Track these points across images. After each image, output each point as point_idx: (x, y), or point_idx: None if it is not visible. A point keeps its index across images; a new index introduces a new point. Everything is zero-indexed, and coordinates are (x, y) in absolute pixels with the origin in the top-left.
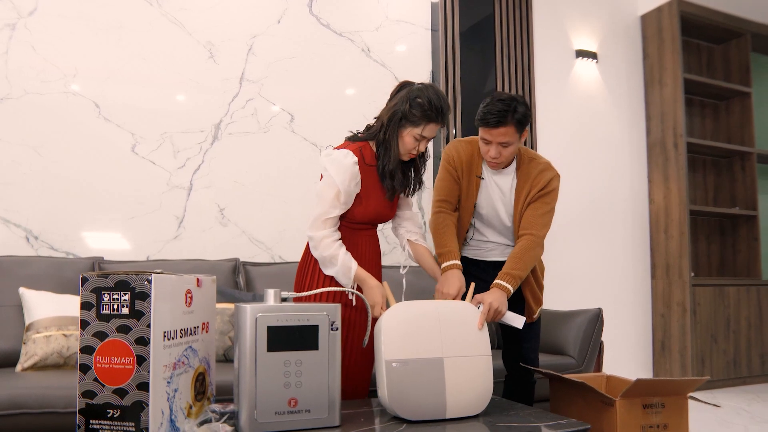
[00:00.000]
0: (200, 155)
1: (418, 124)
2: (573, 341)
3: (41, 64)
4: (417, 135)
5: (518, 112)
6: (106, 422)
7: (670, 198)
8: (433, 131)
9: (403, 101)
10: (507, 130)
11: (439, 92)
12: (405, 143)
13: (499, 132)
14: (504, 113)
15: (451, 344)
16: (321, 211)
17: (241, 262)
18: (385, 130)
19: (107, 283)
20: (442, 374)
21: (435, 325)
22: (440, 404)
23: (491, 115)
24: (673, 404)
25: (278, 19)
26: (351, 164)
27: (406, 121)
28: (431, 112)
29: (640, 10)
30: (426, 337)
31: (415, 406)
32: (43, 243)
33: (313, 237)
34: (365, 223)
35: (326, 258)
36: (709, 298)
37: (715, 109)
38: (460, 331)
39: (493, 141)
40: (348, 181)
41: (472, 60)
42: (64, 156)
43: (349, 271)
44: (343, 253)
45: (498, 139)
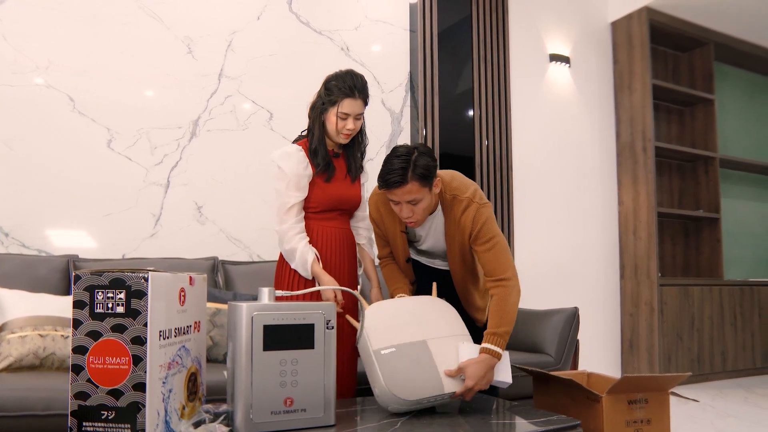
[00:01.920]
0: (178, 152)
1: (335, 103)
2: (550, 340)
3: (12, 55)
4: (338, 113)
5: (418, 167)
6: (100, 424)
7: (639, 200)
8: (353, 106)
9: (321, 89)
10: (410, 187)
11: (351, 72)
12: (331, 124)
13: (403, 191)
14: (402, 171)
15: (430, 329)
16: (280, 203)
17: (219, 260)
18: (312, 119)
19: (101, 281)
20: (429, 354)
21: (411, 316)
22: (436, 379)
23: (390, 175)
24: (656, 400)
25: (258, 15)
26: (295, 151)
27: (327, 103)
28: (344, 88)
29: (611, 17)
30: (406, 326)
31: (412, 385)
32: (13, 240)
33: (278, 231)
34: (330, 209)
35: (288, 252)
36: (675, 297)
37: (680, 115)
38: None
39: (400, 201)
40: (295, 166)
41: (449, 62)
42: (37, 150)
43: (305, 263)
44: (303, 246)
45: (404, 198)
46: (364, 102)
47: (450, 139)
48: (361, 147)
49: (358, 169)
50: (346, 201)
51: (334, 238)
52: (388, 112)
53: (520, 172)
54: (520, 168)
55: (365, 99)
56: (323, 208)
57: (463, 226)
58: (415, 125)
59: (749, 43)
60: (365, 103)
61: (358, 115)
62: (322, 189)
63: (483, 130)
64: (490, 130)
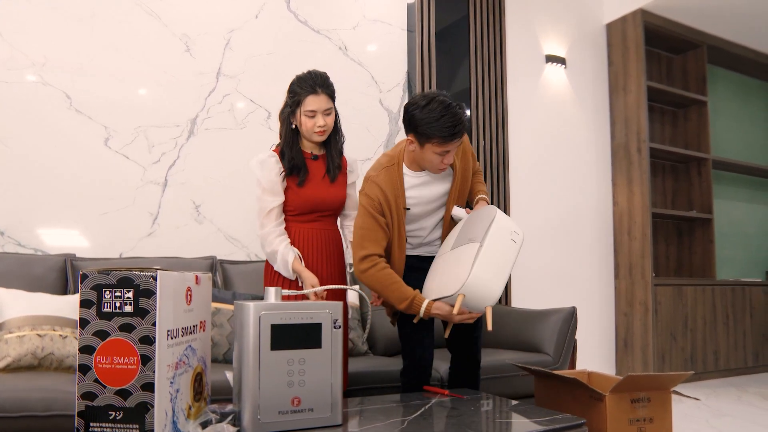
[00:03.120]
0: (175, 150)
1: (299, 103)
2: (549, 339)
3: (8, 52)
4: (304, 111)
5: (463, 112)
6: (108, 425)
7: (633, 201)
8: (317, 102)
9: (287, 94)
10: (464, 137)
11: (312, 71)
12: (302, 124)
13: (458, 142)
14: (460, 123)
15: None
16: (259, 207)
17: (218, 260)
18: (281, 124)
19: (109, 280)
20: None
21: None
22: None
23: (459, 126)
24: (658, 398)
25: (256, 14)
26: (267, 157)
27: (293, 105)
28: (305, 86)
29: (606, 19)
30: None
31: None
32: (9, 239)
33: (260, 235)
34: (308, 212)
35: (270, 254)
36: (669, 297)
37: (674, 116)
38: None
39: (451, 150)
40: (268, 173)
41: (447, 62)
42: (33, 148)
43: (286, 264)
44: (283, 247)
45: (455, 147)
46: (330, 96)
47: None
48: (338, 145)
49: (337, 168)
50: (323, 203)
51: (315, 238)
52: (386, 112)
53: (517, 172)
54: (517, 168)
55: (329, 93)
56: (300, 211)
57: (466, 152)
58: None
59: (742, 46)
60: (331, 98)
61: (327, 110)
62: (296, 192)
63: (480, 130)
64: (486, 129)
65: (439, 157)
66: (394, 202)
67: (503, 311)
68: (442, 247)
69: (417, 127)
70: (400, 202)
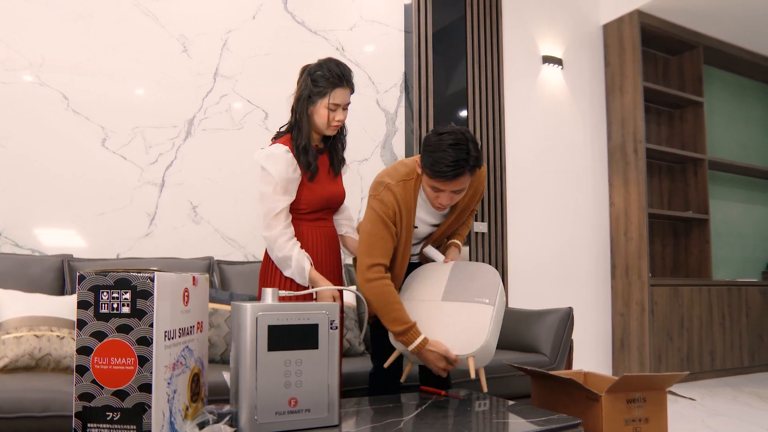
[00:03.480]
0: (173, 151)
1: (325, 94)
2: (545, 339)
3: (5, 52)
4: (328, 104)
5: (471, 157)
6: (105, 425)
7: (630, 201)
8: (342, 96)
9: (305, 81)
10: (463, 179)
11: (337, 61)
12: (321, 117)
13: (455, 183)
14: (461, 163)
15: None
16: (267, 208)
17: (215, 260)
18: (297, 113)
19: (106, 281)
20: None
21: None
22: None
23: (447, 168)
24: (654, 398)
25: (253, 14)
26: (283, 152)
27: (315, 95)
28: (333, 78)
29: (603, 20)
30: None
31: None
32: (6, 239)
33: (267, 237)
34: (318, 209)
35: (281, 259)
36: (666, 297)
37: (670, 117)
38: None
39: (446, 190)
40: (285, 169)
41: (444, 63)
42: (30, 149)
43: (303, 271)
44: (297, 253)
45: (453, 188)
46: (352, 90)
47: None
48: (343, 139)
49: (341, 162)
50: (334, 199)
51: (323, 238)
52: (383, 113)
53: (513, 173)
54: (513, 168)
55: (353, 87)
56: (312, 209)
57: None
58: (410, 126)
59: (738, 47)
60: (352, 92)
61: (347, 105)
62: (311, 189)
63: (476, 131)
64: (483, 130)
65: (432, 192)
66: (407, 217)
67: None
68: (422, 291)
69: (423, 150)
70: (411, 219)
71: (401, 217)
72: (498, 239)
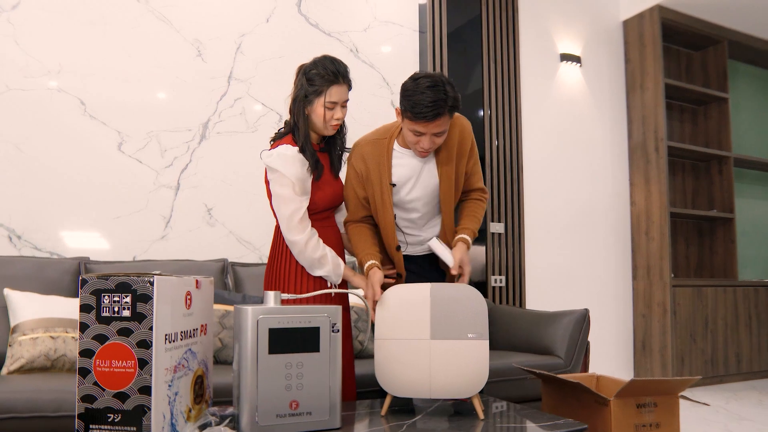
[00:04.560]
0: (188, 154)
1: (321, 93)
2: (560, 342)
3: (24, 59)
4: (325, 103)
5: (449, 98)
6: (107, 427)
7: (651, 200)
8: (340, 93)
9: (301, 81)
10: (443, 120)
11: (332, 58)
12: (318, 116)
13: (435, 124)
14: (440, 103)
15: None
16: (290, 210)
17: (229, 262)
18: (294, 114)
19: (108, 285)
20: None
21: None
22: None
23: (426, 108)
24: (665, 403)
25: (267, 18)
26: (294, 153)
27: (311, 95)
28: (329, 75)
29: (623, 16)
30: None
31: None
32: (26, 242)
33: (297, 242)
34: (324, 209)
35: (315, 260)
36: (689, 298)
37: (693, 114)
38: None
39: (426, 133)
40: (299, 169)
41: (459, 62)
42: (48, 153)
43: (339, 268)
44: (330, 252)
45: (433, 130)
46: (349, 87)
47: None
48: (342, 136)
49: (340, 160)
50: (339, 197)
51: (332, 238)
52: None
53: (531, 172)
54: (531, 168)
55: (350, 84)
56: (321, 209)
57: (462, 144)
58: None
59: (764, 41)
60: (350, 88)
61: (345, 102)
62: (320, 189)
63: (493, 130)
64: (500, 130)
65: (414, 137)
66: (378, 176)
67: (515, 313)
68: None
69: (401, 97)
70: (385, 177)
71: (368, 174)
72: (515, 240)
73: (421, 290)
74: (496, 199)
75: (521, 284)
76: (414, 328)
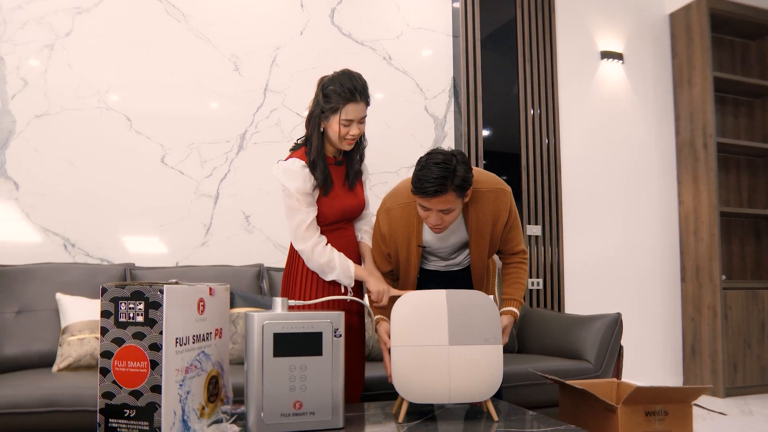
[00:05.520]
0: (226, 164)
1: (336, 110)
2: (591, 346)
3: (77, 81)
4: (341, 120)
5: (457, 177)
6: (123, 421)
7: (700, 199)
8: (356, 111)
9: (318, 96)
10: (446, 198)
11: (350, 74)
12: (334, 132)
13: (438, 201)
14: (442, 180)
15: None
16: (296, 222)
17: (264, 267)
18: (310, 128)
19: (124, 293)
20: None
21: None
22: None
23: (428, 184)
24: (677, 412)
25: (301, 30)
26: (299, 167)
27: (327, 111)
28: (345, 93)
29: (668, 9)
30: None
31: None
32: (79, 250)
33: (303, 250)
34: (337, 221)
35: (324, 265)
36: (742, 301)
37: (750, 107)
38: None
39: (432, 209)
40: (302, 184)
41: (494, 65)
42: (98, 168)
43: (348, 270)
44: (338, 256)
45: (437, 207)
46: (367, 104)
47: (496, 141)
48: (360, 150)
49: (357, 174)
50: (350, 210)
51: (344, 248)
52: (432, 118)
53: (569, 174)
54: (569, 169)
55: (367, 101)
56: (330, 221)
57: (497, 215)
58: (459, 129)
59: None
60: (367, 105)
61: (362, 119)
62: (327, 204)
63: (529, 132)
64: (536, 131)
65: (423, 211)
66: (405, 241)
67: (548, 317)
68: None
69: (414, 171)
70: (413, 240)
71: (395, 242)
72: (553, 242)
73: (437, 297)
74: (533, 201)
75: (559, 287)
76: (432, 334)
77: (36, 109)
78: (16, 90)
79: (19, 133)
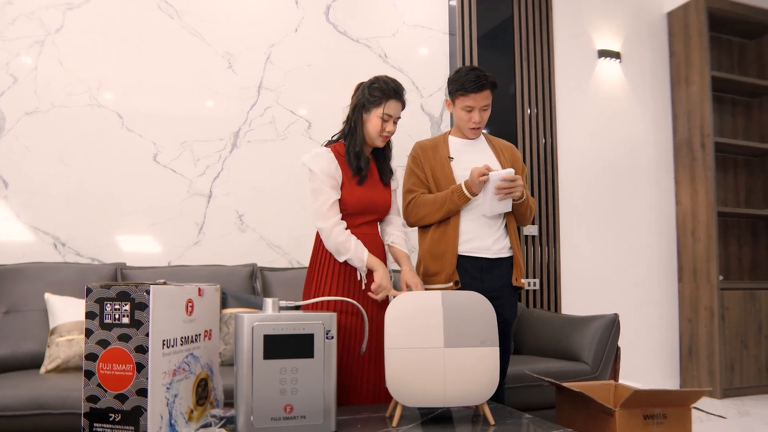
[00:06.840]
0: (219, 163)
1: (379, 104)
2: (588, 347)
3: (67, 78)
4: (382, 114)
5: (489, 76)
6: (108, 425)
7: (697, 200)
8: (395, 108)
9: (362, 92)
10: (487, 93)
11: (392, 78)
12: (374, 125)
13: (482, 96)
14: (483, 78)
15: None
16: (320, 201)
17: (258, 267)
18: (352, 121)
19: (109, 294)
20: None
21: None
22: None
23: (472, 83)
24: (676, 415)
25: (295, 27)
26: (325, 152)
27: (370, 105)
28: (389, 90)
29: (666, 7)
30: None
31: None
32: (70, 249)
33: (323, 228)
34: (359, 213)
35: (339, 243)
36: (739, 302)
37: (747, 107)
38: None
39: (476, 107)
40: (326, 166)
41: (491, 64)
42: (90, 165)
43: (362, 254)
44: (354, 239)
45: (481, 103)
46: (403, 106)
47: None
48: (389, 152)
49: (390, 173)
50: (375, 205)
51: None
52: (428, 117)
53: (566, 174)
54: (567, 167)
55: (404, 103)
56: (352, 212)
57: (514, 158)
58: None
59: None
60: (403, 107)
61: (397, 119)
62: (351, 191)
63: (526, 131)
64: (534, 130)
65: (466, 114)
66: (432, 152)
67: (544, 317)
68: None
69: (450, 84)
70: (442, 152)
71: (426, 154)
72: (549, 242)
73: (432, 298)
74: None
75: (556, 287)
76: (427, 336)
77: (26, 106)
78: (6, 86)
79: (8, 131)
